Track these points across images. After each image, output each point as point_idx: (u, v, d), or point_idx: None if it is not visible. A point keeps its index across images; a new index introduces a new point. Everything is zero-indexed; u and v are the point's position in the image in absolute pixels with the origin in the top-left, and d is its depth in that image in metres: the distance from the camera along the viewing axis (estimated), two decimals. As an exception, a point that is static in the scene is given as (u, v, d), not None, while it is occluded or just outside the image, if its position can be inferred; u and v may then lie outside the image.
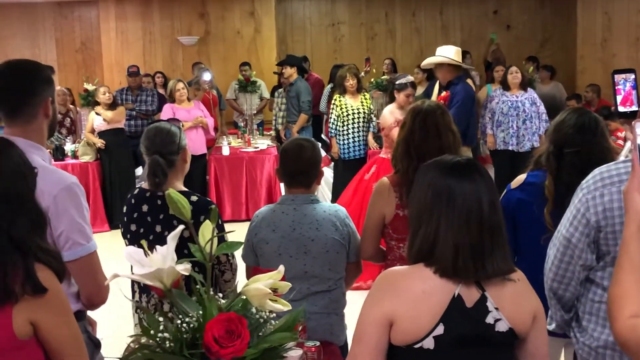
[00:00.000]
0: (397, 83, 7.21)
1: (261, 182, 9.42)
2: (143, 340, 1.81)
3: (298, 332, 2.51)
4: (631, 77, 2.18)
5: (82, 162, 9.20)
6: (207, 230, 1.82)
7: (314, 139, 3.70)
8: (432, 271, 2.07)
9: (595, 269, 2.52)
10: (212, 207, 3.06)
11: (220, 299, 1.87)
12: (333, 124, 8.50)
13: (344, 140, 8.43)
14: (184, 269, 1.74)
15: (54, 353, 2.02)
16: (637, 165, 1.86)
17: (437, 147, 3.27)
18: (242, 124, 11.05)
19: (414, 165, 3.23)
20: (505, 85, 8.63)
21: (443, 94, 6.79)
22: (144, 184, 3.34)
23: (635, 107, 2.16)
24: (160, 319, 1.77)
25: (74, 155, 9.34)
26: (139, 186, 3.40)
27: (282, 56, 11.67)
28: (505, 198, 3.35)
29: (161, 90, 11.01)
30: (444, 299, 2.05)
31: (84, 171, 9.11)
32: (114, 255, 1.81)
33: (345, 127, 8.40)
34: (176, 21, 12.55)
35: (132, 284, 3.27)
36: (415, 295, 2.05)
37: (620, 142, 7.65)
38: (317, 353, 2.68)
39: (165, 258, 1.74)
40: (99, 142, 9.16)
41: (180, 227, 1.85)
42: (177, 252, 2.06)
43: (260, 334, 1.83)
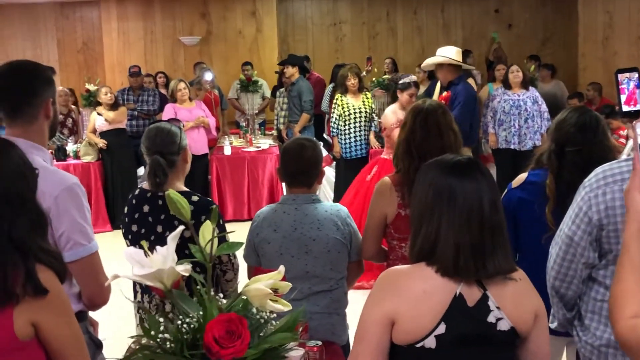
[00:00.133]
0: (400, 83, 7.20)
1: (263, 182, 9.42)
2: (144, 340, 1.81)
3: (299, 332, 2.53)
4: (635, 76, 2.17)
5: (84, 163, 9.21)
6: (207, 230, 1.82)
7: (315, 139, 3.70)
8: (434, 270, 2.07)
9: (598, 268, 2.52)
10: (213, 207, 3.09)
11: (222, 299, 1.87)
12: (335, 123, 8.50)
13: (345, 139, 8.42)
14: (184, 269, 1.74)
15: (56, 354, 2.02)
16: (637, 165, 1.85)
17: (439, 146, 3.27)
18: (243, 124, 11.05)
19: (415, 164, 3.23)
20: (506, 84, 8.63)
21: (444, 94, 6.78)
22: (144, 184, 3.34)
23: None
24: (161, 320, 1.77)
25: (76, 156, 9.34)
26: (140, 187, 3.40)
27: (284, 56, 11.67)
28: (507, 197, 3.34)
29: (163, 90, 11.02)
30: (445, 298, 2.05)
31: (85, 171, 9.12)
32: (116, 255, 1.81)
33: (347, 127, 8.40)
34: (178, 21, 12.54)
35: (134, 285, 3.27)
36: (416, 294, 2.05)
37: (622, 140, 7.64)
38: (319, 353, 2.68)
39: (165, 259, 1.74)
40: (101, 142, 9.16)
41: (181, 228, 1.85)
42: (178, 253, 2.06)
43: (261, 334, 1.82)
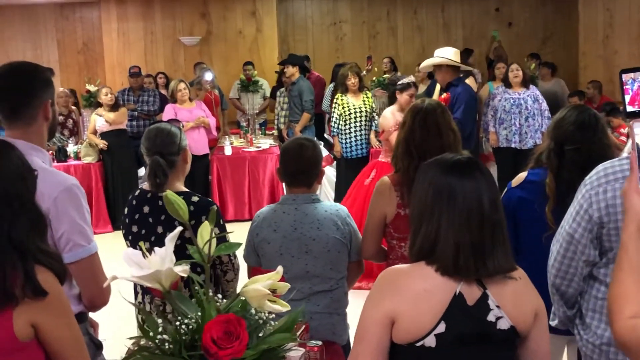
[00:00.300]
0: (399, 83, 7.17)
1: (264, 182, 9.42)
2: (142, 342, 1.81)
3: (300, 333, 2.53)
4: (639, 76, 2.16)
5: (84, 163, 9.21)
6: (205, 231, 1.82)
7: (314, 138, 3.70)
8: (434, 269, 2.07)
9: (599, 266, 2.52)
10: (213, 207, 3.09)
11: (220, 300, 1.87)
12: (335, 123, 8.50)
13: (346, 139, 8.42)
14: (182, 270, 1.74)
15: (55, 355, 2.03)
16: (635, 166, 1.85)
17: (438, 146, 3.26)
18: (244, 124, 11.05)
19: (415, 164, 3.23)
20: (506, 83, 8.62)
21: (443, 96, 6.73)
22: (145, 185, 3.34)
23: None
24: (160, 321, 1.77)
25: (77, 157, 9.35)
26: (140, 187, 3.40)
27: (284, 55, 11.67)
28: (506, 196, 3.34)
29: (163, 91, 11.02)
30: (445, 297, 2.05)
31: (86, 172, 9.13)
32: (117, 256, 1.81)
33: (348, 126, 8.39)
34: (178, 21, 12.54)
35: (135, 285, 3.27)
36: (416, 293, 2.05)
37: (623, 138, 7.65)
38: (319, 353, 2.68)
39: (163, 260, 1.74)
40: (101, 143, 9.17)
41: (179, 229, 1.85)
42: (179, 254, 2.06)
43: (260, 335, 1.82)
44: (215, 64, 12.22)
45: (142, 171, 9.55)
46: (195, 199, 3.16)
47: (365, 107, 8.45)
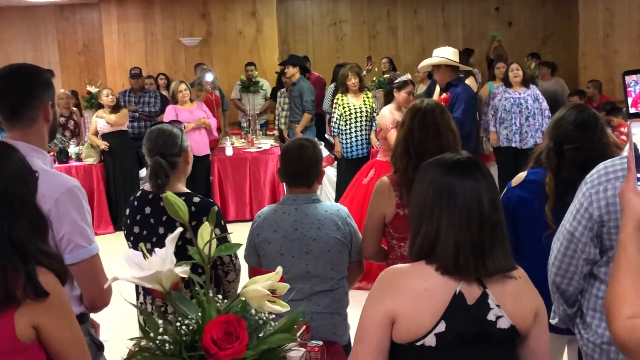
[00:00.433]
0: (396, 82, 7.15)
1: (265, 182, 9.42)
2: (143, 342, 1.81)
3: (301, 333, 2.53)
4: None
5: (86, 165, 9.22)
6: (205, 231, 1.82)
7: (314, 139, 3.70)
8: (434, 269, 2.07)
9: (599, 265, 2.52)
10: (214, 208, 3.10)
11: (221, 301, 1.87)
12: (336, 123, 8.49)
13: (346, 139, 8.42)
14: (183, 271, 1.74)
15: (57, 356, 2.03)
16: (632, 165, 1.86)
17: (437, 146, 3.25)
18: (245, 124, 11.05)
19: (414, 164, 3.23)
20: (507, 83, 8.61)
21: (443, 96, 6.69)
22: (146, 185, 3.34)
23: None
24: (160, 322, 1.77)
25: (78, 158, 9.35)
26: (141, 188, 3.40)
27: (284, 56, 11.67)
28: (506, 196, 3.34)
29: (164, 92, 11.02)
30: (445, 297, 2.05)
31: (88, 173, 9.14)
32: (119, 257, 1.82)
33: (348, 126, 8.39)
34: (178, 22, 12.54)
35: (136, 286, 3.28)
36: (416, 293, 2.06)
37: (624, 137, 7.64)
38: (320, 353, 2.68)
39: (163, 261, 1.74)
40: (103, 144, 9.17)
41: (179, 230, 1.85)
42: (180, 254, 2.06)
43: (260, 335, 1.82)
44: (215, 64, 12.22)
45: (143, 172, 9.55)
46: (196, 199, 3.16)
47: (366, 107, 8.44)
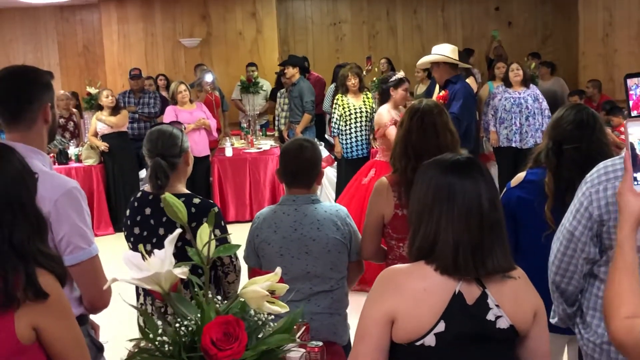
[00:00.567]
0: (391, 80, 7.13)
1: (264, 183, 9.43)
2: (142, 344, 1.81)
3: (300, 334, 2.53)
4: None
5: (85, 166, 9.22)
6: (204, 233, 1.82)
7: (313, 139, 3.70)
8: (433, 269, 2.08)
9: (599, 264, 2.52)
10: (215, 209, 3.10)
11: (220, 302, 1.87)
12: (336, 123, 8.49)
13: (346, 139, 8.41)
14: (182, 272, 1.74)
15: (57, 357, 2.04)
16: (629, 166, 1.86)
17: (435, 146, 3.25)
18: (244, 125, 11.05)
19: (412, 164, 3.24)
20: (507, 82, 8.61)
21: (442, 94, 6.66)
22: (146, 186, 3.34)
23: None
24: (159, 323, 1.77)
25: (78, 159, 9.35)
26: (141, 189, 3.40)
27: (284, 56, 11.67)
28: (506, 196, 3.34)
29: (164, 93, 11.02)
30: (444, 296, 2.05)
31: (87, 175, 9.14)
32: (119, 258, 1.82)
33: (348, 127, 8.38)
34: (178, 23, 12.54)
35: (137, 287, 3.28)
36: (416, 292, 2.06)
37: (624, 137, 7.63)
38: (320, 354, 2.68)
39: (163, 262, 1.74)
40: (102, 145, 9.17)
41: (178, 231, 1.85)
42: (181, 255, 2.07)
43: (259, 336, 1.83)
44: (215, 65, 12.22)
45: (143, 173, 9.56)
46: (196, 201, 3.16)
47: (366, 108, 8.44)
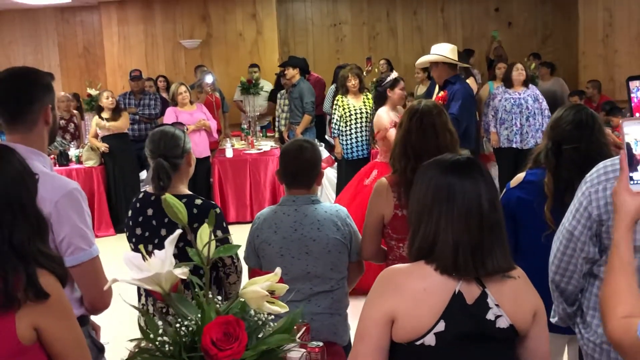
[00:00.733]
0: (387, 81, 7.10)
1: (265, 184, 9.43)
2: (143, 344, 1.82)
3: (300, 334, 2.53)
4: None
5: (86, 167, 9.23)
6: (204, 233, 1.83)
7: (313, 140, 3.70)
8: (433, 268, 2.08)
9: (599, 264, 2.52)
10: (216, 210, 3.10)
11: (220, 302, 1.88)
12: (336, 124, 8.50)
13: (347, 140, 8.42)
14: (182, 272, 1.75)
15: (58, 357, 2.04)
16: (625, 165, 1.86)
17: (435, 146, 3.26)
18: (245, 126, 11.05)
19: (412, 165, 3.24)
20: (507, 83, 8.57)
21: (441, 94, 6.62)
22: (148, 187, 3.35)
23: None
24: (160, 323, 1.77)
25: (78, 161, 9.36)
26: (143, 190, 3.41)
27: (285, 57, 11.67)
28: (505, 197, 3.35)
29: (164, 94, 11.02)
30: (444, 296, 2.06)
31: (88, 176, 9.15)
32: (119, 259, 1.82)
33: (348, 127, 8.39)
34: (178, 24, 12.54)
35: (138, 288, 3.28)
36: (416, 292, 2.06)
37: (623, 137, 7.62)
38: (320, 354, 2.68)
39: (163, 262, 1.75)
40: (103, 147, 9.17)
41: (178, 231, 1.86)
42: (182, 256, 2.07)
43: (259, 336, 1.83)
44: (215, 66, 12.22)
45: (143, 174, 9.56)
46: (198, 201, 3.17)
47: (366, 108, 8.44)
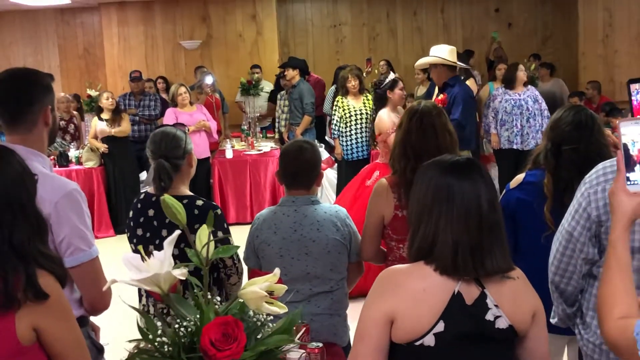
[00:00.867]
0: (385, 83, 7.10)
1: (265, 185, 9.43)
2: (142, 344, 1.82)
3: (300, 335, 2.53)
4: None
5: (86, 168, 9.23)
6: (203, 234, 1.83)
7: (313, 141, 3.70)
8: (432, 269, 2.08)
9: (598, 265, 2.51)
10: (217, 211, 3.10)
11: (219, 303, 1.88)
12: (336, 125, 8.50)
13: (347, 141, 8.42)
14: (181, 273, 1.75)
15: (57, 358, 2.04)
16: (622, 166, 1.86)
17: (435, 147, 3.26)
18: (245, 127, 11.05)
19: (412, 165, 3.24)
20: (510, 83, 8.52)
21: (440, 97, 6.57)
22: (149, 188, 3.35)
23: None
24: (159, 323, 1.78)
25: (78, 161, 9.36)
26: (145, 191, 3.41)
27: (285, 58, 11.67)
28: (505, 198, 3.35)
29: (163, 95, 11.02)
30: (444, 297, 2.06)
31: (88, 177, 9.15)
32: (119, 260, 1.82)
33: (348, 128, 8.40)
34: (178, 25, 12.55)
35: (139, 289, 3.28)
36: (415, 293, 2.07)
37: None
38: (319, 355, 2.68)
39: (162, 263, 1.75)
40: (102, 147, 9.17)
41: (177, 232, 1.86)
42: (183, 257, 2.07)
43: (258, 336, 1.83)
44: (215, 67, 12.22)
45: (143, 175, 9.56)
46: (199, 202, 3.17)
47: (366, 109, 8.45)
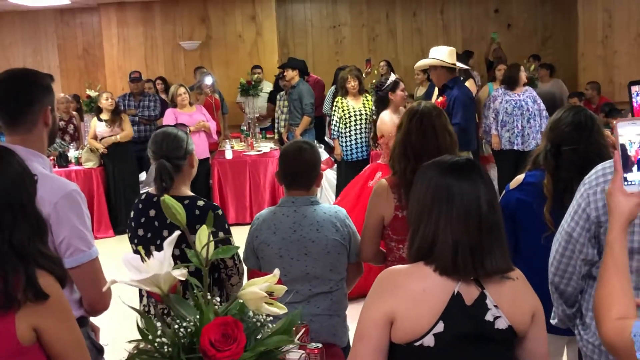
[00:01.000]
0: (387, 85, 7.09)
1: (264, 185, 9.43)
2: (142, 345, 1.82)
3: (300, 335, 2.53)
4: None
5: (85, 169, 9.24)
6: (203, 235, 1.83)
7: (313, 142, 3.70)
8: (432, 269, 2.08)
9: (598, 266, 2.51)
10: (218, 212, 3.10)
11: (219, 303, 1.88)
12: (335, 125, 8.51)
13: (346, 141, 8.43)
14: (181, 274, 1.75)
15: (57, 358, 2.04)
16: (619, 167, 1.86)
17: (435, 147, 3.27)
18: (244, 127, 11.04)
19: (412, 166, 3.25)
20: (511, 84, 8.49)
21: (440, 100, 6.57)
22: (150, 188, 3.35)
23: None
24: (159, 324, 1.78)
25: (78, 162, 9.37)
26: (146, 191, 3.41)
27: (284, 59, 11.67)
28: (505, 199, 3.35)
29: (162, 96, 11.02)
30: (443, 297, 2.06)
31: (87, 177, 9.16)
32: (118, 261, 1.82)
33: (348, 129, 8.40)
34: (177, 26, 12.54)
35: (140, 289, 3.28)
36: (415, 293, 2.07)
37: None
38: (319, 355, 2.68)
39: (162, 263, 1.75)
40: (102, 147, 9.17)
41: (177, 233, 1.86)
42: (184, 257, 2.07)
43: (258, 337, 1.83)
44: (215, 68, 12.22)
45: (143, 176, 9.56)
46: (200, 203, 3.18)
47: (365, 110, 8.45)
